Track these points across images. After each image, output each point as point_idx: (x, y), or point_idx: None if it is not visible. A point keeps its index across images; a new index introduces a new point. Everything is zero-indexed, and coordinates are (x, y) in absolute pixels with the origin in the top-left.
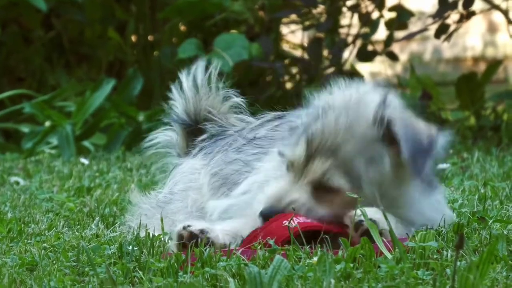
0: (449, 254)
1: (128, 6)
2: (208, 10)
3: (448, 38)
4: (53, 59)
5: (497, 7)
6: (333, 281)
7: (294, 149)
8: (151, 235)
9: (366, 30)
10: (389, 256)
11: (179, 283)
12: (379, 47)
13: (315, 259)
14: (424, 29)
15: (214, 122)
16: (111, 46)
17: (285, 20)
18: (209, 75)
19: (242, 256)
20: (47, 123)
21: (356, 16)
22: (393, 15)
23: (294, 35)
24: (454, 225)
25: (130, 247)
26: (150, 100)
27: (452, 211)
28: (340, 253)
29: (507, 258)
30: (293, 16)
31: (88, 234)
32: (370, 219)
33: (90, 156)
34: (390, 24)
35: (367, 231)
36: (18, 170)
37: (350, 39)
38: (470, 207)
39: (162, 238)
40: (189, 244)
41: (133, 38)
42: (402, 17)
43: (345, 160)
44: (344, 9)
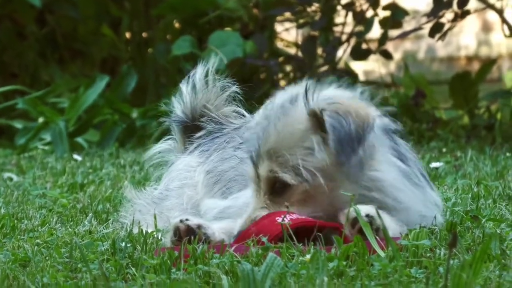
0: (442, 253)
1: (122, 3)
2: (202, 7)
3: (442, 37)
4: (46, 55)
5: (491, 6)
6: (326, 278)
7: (247, 168)
8: (144, 232)
9: (360, 28)
10: (382, 254)
11: (172, 280)
12: (373, 46)
13: (308, 256)
14: (418, 28)
15: (211, 118)
16: (105, 43)
17: (279, 18)
18: (206, 72)
19: (235, 254)
20: (40, 119)
21: (350, 14)
22: (387, 13)
23: (288, 33)
24: (447, 223)
25: (123, 244)
26: (144, 97)
27: (445, 210)
28: (333, 251)
29: (500, 257)
30: (288, 14)
31: (81, 231)
32: (366, 215)
33: (83, 152)
34: (384, 23)
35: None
36: (11, 166)
37: (344, 37)
38: (463, 205)
39: (156, 235)
40: (184, 238)
41: (127, 35)
42: (397, 15)
43: (284, 156)
44: (339, 8)
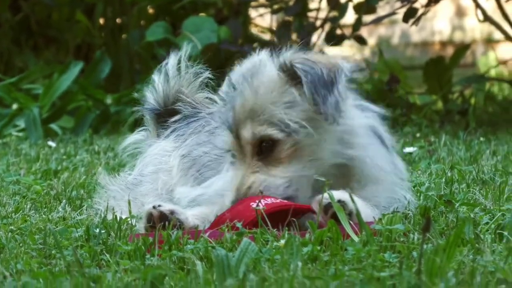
0: (416, 237)
1: None
2: None
3: (416, 22)
4: (20, 41)
5: None
6: (300, 263)
7: (225, 139)
8: (118, 218)
9: (334, 14)
10: (356, 239)
11: (146, 266)
12: (347, 31)
13: (282, 242)
14: (392, 13)
15: (186, 103)
16: (79, 29)
17: (253, 3)
18: (179, 60)
19: (210, 239)
20: (14, 106)
21: (324, 0)
22: None
23: (262, 19)
24: (421, 208)
25: (97, 230)
26: (118, 83)
27: (419, 194)
28: (307, 236)
29: (474, 241)
30: (262, 0)
31: (55, 217)
32: (339, 200)
33: (57, 139)
34: (358, 8)
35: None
36: None
37: (318, 23)
38: (437, 190)
39: (130, 221)
40: (157, 224)
41: (101, 21)
42: (371, 1)
43: (266, 114)
44: None
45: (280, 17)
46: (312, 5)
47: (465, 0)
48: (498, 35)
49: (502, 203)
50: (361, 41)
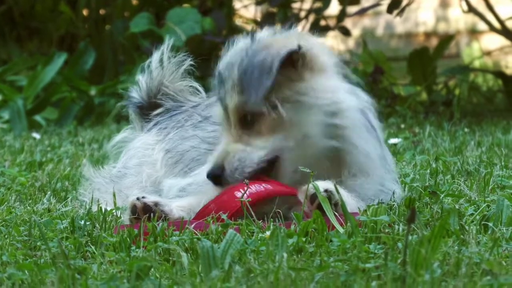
0: (401, 228)
1: None
2: None
3: (401, 13)
4: (4, 33)
5: None
6: (285, 255)
7: (217, 111)
8: (103, 210)
9: (318, 5)
10: (341, 230)
11: (132, 258)
12: (331, 22)
13: (267, 233)
14: (377, 4)
15: (168, 96)
16: (63, 20)
17: None
18: (161, 52)
19: (195, 231)
20: None
21: None
22: None
23: (246, 10)
24: (406, 199)
25: (82, 222)
26: (102, 74)
27: (403, 185)
28: (292, 227)
29: (459, 232)
30: None
31: (40, 209)
32: (325, 190)
33: (41, 130)
34: None
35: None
36: None
37: (302, 14)
38: (421, 181)
39: (115, 213)
40: (142, 216)
41: (85, 12)
42: None
43: (248, 88)
44: None
45: (264, 8)
46: None
47: None
48: (482, 26)
49: (487, 194)
50: (345, 32)
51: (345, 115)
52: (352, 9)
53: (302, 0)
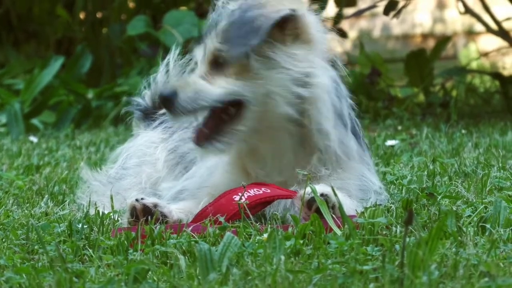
0: (398, 230)
1: None
2: None
3: (397, 14)
4: (1, 36)
5: None
6: (283, 257)
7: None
8: (100, 213)
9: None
10: (339, 232)
11: (129, 261)
12: (328, 24)
13: (265, 235)
14: (373, 6)
15: None
16: (60, 23)
17: None
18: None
19: (193, 234)
20: None
21: None
22: None
23: None
24: (403, 201)
25: (80, 225)
26: (99, 78)
27: (401, 187)
28: (290, 229)
29: (456, 234)
30: None
31: (38, 212)
32: (322, 194)
33: (39, 134)
34: (339, 1)
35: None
36: None
37: None
38: (419, 183)
39: (112, 216)
40: (141, 218)
41: (82, 15)
42: None
43: (231, 42)
44: None
45: None
46: None
47: None
48: (479, 27)
49: (484, 196)
50: (342, 34)
51: (313, 91)
52: (348, 11)
53: None
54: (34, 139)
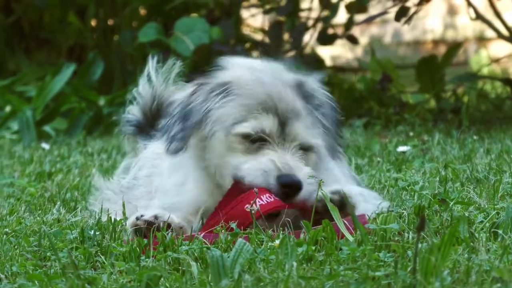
0: (411, 236)
1: None
2: None
3: (408, 21)
4: (13, 43)
5: None
6: (295, 264)
7: (259, 122)
8: (113, 220)
9: (326, 13)
10: (351, 238)
11: (142, 267)
12: (339, 31)
13: (277, 242)
14: (384, 12)
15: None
16: (71, 31)
17: (245, 3)
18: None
19: (204, 240)
20: (8, 108)
21: None
22: None
23: (254, 19)
24: (415, 207)
25: (92, 232)
26: (110, 84)
27: (413, 193)
28: (302, 236)
29: (469, 240)
30: (253, 0)
31: (50, 219)
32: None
33: (51, 141)
34: (350, 7)
35: (342, 207)
36: None
37: (310, 22)
38: (431, 189)
39: (124, 223)
40: (149, 233)
41: (93, 22)
42: (362, 0)
43: (308, 121)
44: None
45: (272, 17)
46: (304, 4)
47: None
48: (490, 33)
49: (496, 202)
50: (353, 40)
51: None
52: (359, 17)
53: (310, 9)
54: (46, 146)
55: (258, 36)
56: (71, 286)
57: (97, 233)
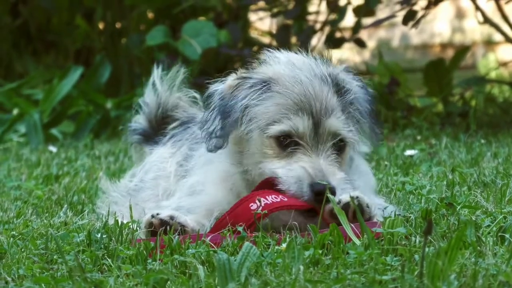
0: (418, 240)
1: None
2: None
3: (416, 24)
4: (20, 46)
5: None
6: (302, 267)
7: (294, 122)
8: (119, 223)
9: (334, 17)
10: (358, 242)
11: (148, 271)
12: (347, 34)
13: (284, 245)
14: (392, 16)
15: (183, 109)
16: (79, 34)
17: (253, 7)
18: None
19: (211, 243)
20: (15, 111)
21: (324, 3)
22: (360, 1)
23: (262, 22)
24: (423, 211)
25: (99, 235)
26: (118, 87)
27: (420, 197)
28: (308, 239)
29: (476, 244)
30: (261, 3)
31: (57, 222)
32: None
33: (58, 144)
34: (357, 11)
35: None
36: None
37: (318, 26)
38: (438, 193)
39: (131, 226)
40: (158, 232)
41: (101, 25)
42: (370, 3)
43: (343, 116)
44: None
45: (280, 21)
46: (312, 8)
47: (465, 2)
48: (498, 36)
49: (503, 206)
50: (361, 44)
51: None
52: (367, 20)
53: (318, 12)
54: (53, 149)
55: (266, 40)
56: None
57: (104, 236)
